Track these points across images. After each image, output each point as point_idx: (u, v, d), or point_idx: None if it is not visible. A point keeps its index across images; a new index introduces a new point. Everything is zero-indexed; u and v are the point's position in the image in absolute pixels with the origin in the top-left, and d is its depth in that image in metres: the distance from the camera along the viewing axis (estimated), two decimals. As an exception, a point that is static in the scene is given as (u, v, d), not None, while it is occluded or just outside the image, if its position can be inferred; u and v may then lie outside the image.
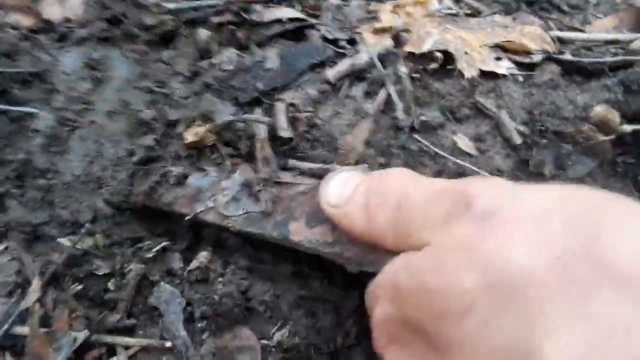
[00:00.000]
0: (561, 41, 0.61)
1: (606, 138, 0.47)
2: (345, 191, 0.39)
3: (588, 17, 0.69)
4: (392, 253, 0.34)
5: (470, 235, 0.29)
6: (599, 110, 0.48)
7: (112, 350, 0.50)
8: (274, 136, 0.52)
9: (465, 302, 0.27)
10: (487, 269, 0.27)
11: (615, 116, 0.48)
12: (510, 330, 0.25)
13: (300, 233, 0.45)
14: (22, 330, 0.50)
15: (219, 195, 0.50)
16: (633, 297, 0.23)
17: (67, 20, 0.67)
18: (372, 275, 0.38)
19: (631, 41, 0.60)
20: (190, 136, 0.54)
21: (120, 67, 0.64)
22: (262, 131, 0.52)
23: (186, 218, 0.50)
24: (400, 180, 0.36)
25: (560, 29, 0.66)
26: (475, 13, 0.65)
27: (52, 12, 0.68)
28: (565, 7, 0.72)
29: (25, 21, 0.69)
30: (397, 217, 0.34)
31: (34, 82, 0.62)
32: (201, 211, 0.50)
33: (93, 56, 0.64)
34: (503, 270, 0.26)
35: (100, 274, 0.53)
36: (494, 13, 0.64)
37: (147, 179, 0.55)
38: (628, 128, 0.48)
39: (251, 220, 0.48)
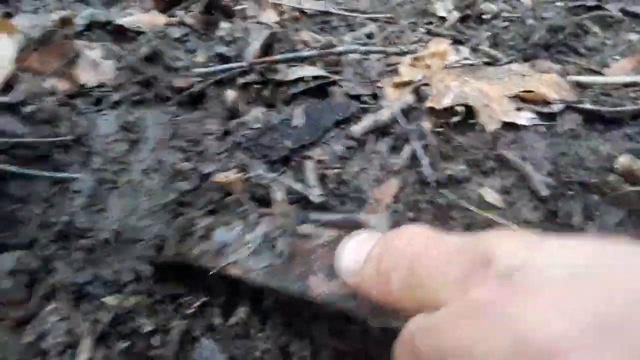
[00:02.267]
0: (580, 86, 0.63)
1: (633, 188, 0.48)
2: (359, 257, 0.38)
3: (606, 60, 0.71)
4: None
5: (490, 299, 0.27)
6: (623, 160, 0.49)
7: (157, 407, 0.53)
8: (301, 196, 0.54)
9: None
10: (512, 336, 0.24)
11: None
12: None
13: (319, 287, 0.45)
14: (73, 390, 0.52)
15: (242, 248, 0.52)
16: None
17: (102, 85, 0.71)
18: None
19: (649, 83, 0.62)
20: (221, 179, 0.56)
21: (153, 127, 0.67)
22: (279, 194, 0.54)
23: (210, 272, 0.52)
24: (413, 240, 0.35)
25: (579, 73, 0.68)
26: (492, 61, 0.68)
27: (87, 77, 0.72)
28: (582, 50, 0.74)
29: (61, 86, 0.73)
30: (411, 280, 0.33)
31: (73, 146, 0.65)
32: (226, 265, 0.52)
33: (128, 119, 0.67)
34: (531, 338, 0.24)
35: (144, 331, 0.55)
36: (511, 61, 0.66)
37: (178, 230, 0.58)
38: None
39: (272, 274, 0.49)
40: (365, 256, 0.37)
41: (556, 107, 0.55)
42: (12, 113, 0.63)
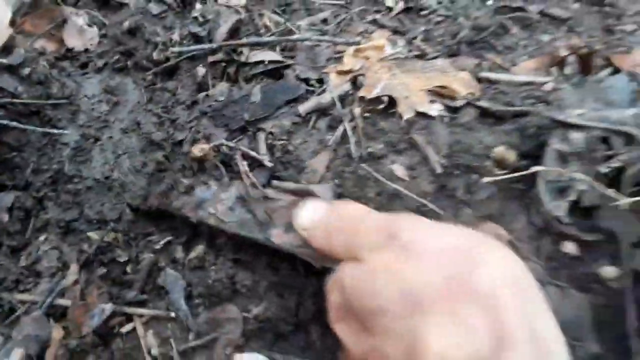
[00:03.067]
0: (489, 81, 0.77)
1: (501, 172, 0.63)
2: (312, 218, 0.52)
3: (516, 58, 0.84)
4: None
5: (393, 261, 0.40)
6: (498, 150, 0.64)
7: (130, 318, 0.67)
8: (255, 159, 0.68)
9: (383, 305, 0.39)
10: (400, 285, 0.38)
11: (511, 155, 0.64)
12: (410, 326, 0.36)
13: (280, 237, 0.59)
14: (62, 302, 0.66)
15: (218, 204, 0.66)
16: (486, 308, 0.34)
17: (87, 50, 0.81)
18: (331, 269, 0.54)
19: (544, 83, 0.76)
20: (197, 151, 0.69)
21: (132, 93, 0.78)
22: (244, 164, 0.67)
23: (192, 220, 0.66)
24: (353, 214, 0.49)
25: (491, 70, 0.82)
26: (422, 55, 0.80)
27: (73, 41, 0.82)
28: (500, 48, 0.87)
29: (50, 47, 0.83)
30: (347, 241, 0.46)
31: (62, 104, 0.77)
32: (204, 217, 0.66)
33: (110, 83, 0.78)
34: (411, 288, 0.37)
35: (120, 260, 0.69)
36: (437, 56, 0.79)
37: (160, 185, 0.71)
38: (522, 163, 0.65)
39: (243, 225, 0.63)
40: (318, 218, 0.52)
41: (459, 103, 0.69)
42: (10, 73, 0.73)
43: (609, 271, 0.60)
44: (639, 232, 0.62)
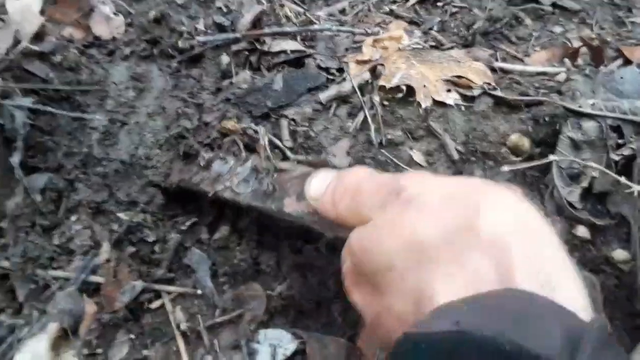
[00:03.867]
0: (503, 71, 0.79)
1: (516, 159, 0.66)
2: (321, 187, 0.52)
3: (529, 50, 0.87)
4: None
5: (397, 215, 0.40)
6: (513, 138, 0.66)
7: (158, 295, 0.70)
8: (276, 146, 0.71)
9: (390, 261, 0.38)
10: (404, 238, 0.37)
11: (525, 142, 0.67)
12: (417, 278, 0.36)
13: (291, 206, 0.58)
14: (95, 278, 0.69)
15: (234, 177, 0.68)
16: (492, 255, 0.33)
17: (114, 38, 0.84)
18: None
19: (557, 74, 0.78)
20: (228, 125, 0.71)
21: (158, 79, 0.81)
22: (265, 140, 0.69)
23: (209, 195, 0.68)
24: (357, 177, 0.48)
25: (505, 59, 0.84)
26: (438, 45, 0.83)
27: (101, 29, 0.85)
28: (513, 39, 0.90)
29: (77, 34, 0.86)
30: (352, 204, 0.46)
31: (91, 90, 0.79)
32: (220, 189, 0.67)
33: (136, 70, 0.81)
34: (415, 239, 0.37)
35: (149, 240, 0.72)
36: (452, 47, 0.82)
37: (181, 160, 0.74)
38: (536, 150, 0.68)
39: (256, 196, 0.64)
40: (325, 187, 0.52)
41: (476, 92, 0.72)
42: (42, 60, 0.76)
43: (619, 254, 0.63)
44: (648, 217, 0.65)
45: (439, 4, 0.93)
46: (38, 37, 0.77)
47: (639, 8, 1.07)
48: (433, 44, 0.83)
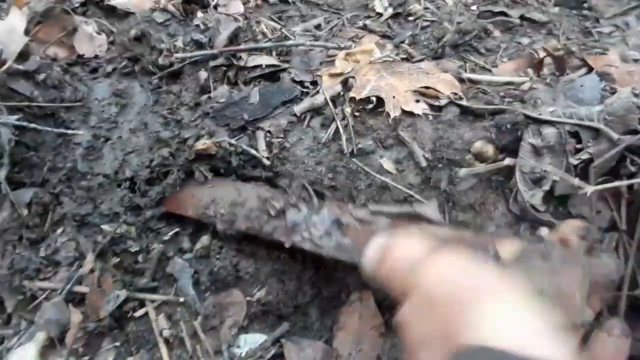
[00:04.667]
0: (471, 81, 0.83)
1: (481, 165, 0.69)
2: (375, 256, 0.52)
3: (497, 60, 0.91)
4: None
5: (415, 308, 0.44)
6: (477, 145, 0.70)
7: (142, 303, 0.73)
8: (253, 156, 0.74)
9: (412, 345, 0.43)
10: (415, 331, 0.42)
11: (489, 149, 0.70)
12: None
13: None
14: (80, 289, 0.72)
15: (312, 229, 0.65)
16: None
17: (96, 56, 0.87)
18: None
19: (522, 83, 0.82)
20: (199, 146, 0.75)
21: (139, 95, 0.84)
22: None
23: (285, 245, 0.66)
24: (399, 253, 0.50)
25: (473, 70, 0.88)
26: (409, 58, 0.87)
27: (84, 48, 0.88)
28: (482, 50, 0.93)
29: (61, 53, 0.89)
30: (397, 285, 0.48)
31: (74, 107, 0.82)
32: (298, 241, 0.66)
33: (118, 87, 0.84)
34: (419, 337, 0.42)
35: (132, 251, 0.75)
36: (423, 59, 0.86)
37: (161, 183, 0.77)
38: (499, 156, 0.71)
39: (340, 249, 0.63)
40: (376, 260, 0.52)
41: (443, 102, 0.75)
42: (26, 78, 0.79)
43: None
44: (608, 217, 0.69)
45: (411, 18, 0.96)
46: (22, 56, 0.80)
47: (606, 19, 1.11)
48: (404, 56, 0.87)
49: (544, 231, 0.69)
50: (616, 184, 0.63)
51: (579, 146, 0.70)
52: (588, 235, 0.55)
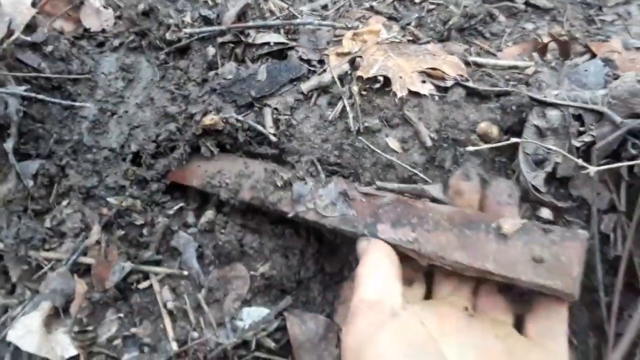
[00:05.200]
0: (477, 65, 0.84)
1: (486, 145, 0.70)
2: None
3: (501, 45, 0.91)
4: None
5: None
6: (482, 125, 0.71)
7: (146, 276, 0.74)
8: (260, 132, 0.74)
9: None
10: None
11: (494, 130, 0.71)
12: None
13: (387, 233, 0.59)
14: (85, 260, 0.73)
15: (317, 200, 0.66)
16: None
17: (103, 30, 0.87)
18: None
19: (526, 67, 0.83)
20: (207, 121, 0.75)
21: (146, 70, 0.84)
22: None
23: (288, 215, 0.67)
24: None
25: (479, 54, 0.89)
26: (415, 40, 0.87)
27: (90, 22, 0.88)
28: (487, 34, 0.94)
29: (68, 27, 0.89)
30: None
31: (81, 80, 0.82)
32: (301, 211, 0.66)
33: (125, 61, 0.84)
34: None
35: (137, 224, 0.75)
36: (429, 41, 0.86)
37: (167, 157, 0.77)
38: (504, 137, 0.72)
39: (345, 221, 0.63)
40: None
41: (449, 83, 0.76)
42: (34, 50, 0.79)
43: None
44: (607, 199, 0.70)
45: (417, 0, 0.97)
46: (30, 28, 0.80)
47: (609, 7, 1.12)
48: (410, 38, 0.87)
49: (545, 212, 0.71)
50: (618, 164, 0.64)
51: (581, 129, 0.70)
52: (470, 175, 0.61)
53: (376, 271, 0.55)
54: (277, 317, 0.70)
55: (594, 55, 0.87)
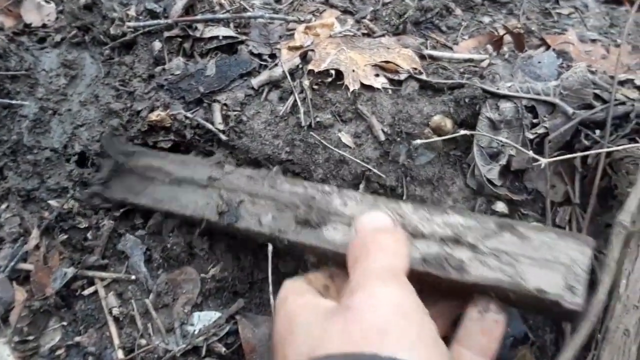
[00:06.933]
0: (432, 58, 0.82)
1: (439, 138, 0.69)
2: None
3: (458, 38, 0.90)
4: None
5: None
6: (436, 119, 0.69)
7: (91, 281, 0.70)
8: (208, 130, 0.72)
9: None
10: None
11: (447, 123, 0.70)
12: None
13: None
14: (25, 266, 0.69)
15: None
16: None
17: (45, 25, 0.83)
18: None
19: (482, 60, 0.82)
20: (153, 117, 0.72)
21: (90, 67, 0.81)
22: None
23: None
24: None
25: (435, 47, 0.87)
26: (370, 33, 0.85)
27: (31, 17, 0.84)
28: (444, 28, 0.93)
29: (8, 22, 0.85)
30: None
31: (20, 77, 0.78)
32: None
33: (68, 57, 0.80)
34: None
35: (81, 227, 0.72)
36: (383, 34, 0.84)
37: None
38: (458, 130, 0.71)
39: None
40: None
41: (402, 76, 0.74)
42: (-32, 47, 0.75)
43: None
44: (562, 191, 0.70)
45: (373, -7, 0.95)
46: (-37, 23, 0.76)
47: (565, 0, 1.12)
48: (365, 32, 0.85)
49: (500, 205, 0.70)
50: (570, 156, 0.64)
51: (535, 121, 0.70)
52: None
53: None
54: (229, 321, 0.68)
55: (549, 48, 0.87)
